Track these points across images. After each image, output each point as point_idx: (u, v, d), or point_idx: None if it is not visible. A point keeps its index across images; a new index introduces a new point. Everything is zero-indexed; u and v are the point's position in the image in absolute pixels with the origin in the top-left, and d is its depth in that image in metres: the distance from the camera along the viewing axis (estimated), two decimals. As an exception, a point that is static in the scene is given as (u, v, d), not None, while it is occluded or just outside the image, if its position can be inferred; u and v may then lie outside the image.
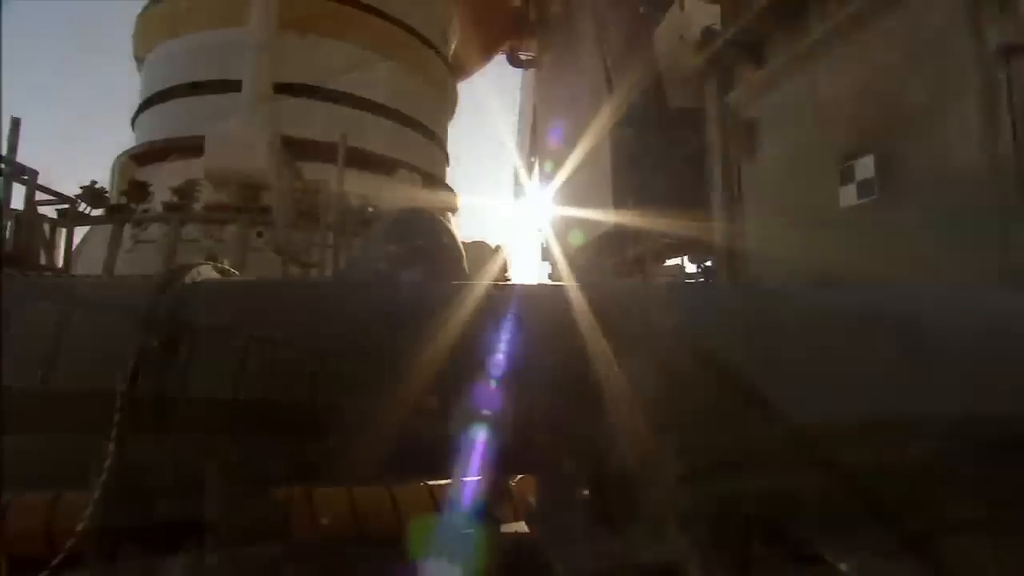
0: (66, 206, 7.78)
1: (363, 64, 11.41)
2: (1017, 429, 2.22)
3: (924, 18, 6.90)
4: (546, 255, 18.45)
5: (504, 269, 7.63)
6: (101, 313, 1.48)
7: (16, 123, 6.46)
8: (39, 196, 7.06)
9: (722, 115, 10.91)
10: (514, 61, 21.06)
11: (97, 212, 8.31)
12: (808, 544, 2.30)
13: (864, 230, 7.59)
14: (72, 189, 7.76)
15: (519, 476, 2.56)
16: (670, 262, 13.74)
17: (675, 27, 12.70)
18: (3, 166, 6.29)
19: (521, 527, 2.38)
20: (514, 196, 22.02)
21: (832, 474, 2.32)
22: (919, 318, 2.03)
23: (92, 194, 8.11)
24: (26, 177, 6.64)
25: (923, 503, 2.51)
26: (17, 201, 6.65)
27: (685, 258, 13.13)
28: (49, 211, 7.66)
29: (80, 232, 8.56)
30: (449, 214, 12.39)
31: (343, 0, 11.14)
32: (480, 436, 1.48)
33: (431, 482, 2.37)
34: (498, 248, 9.46)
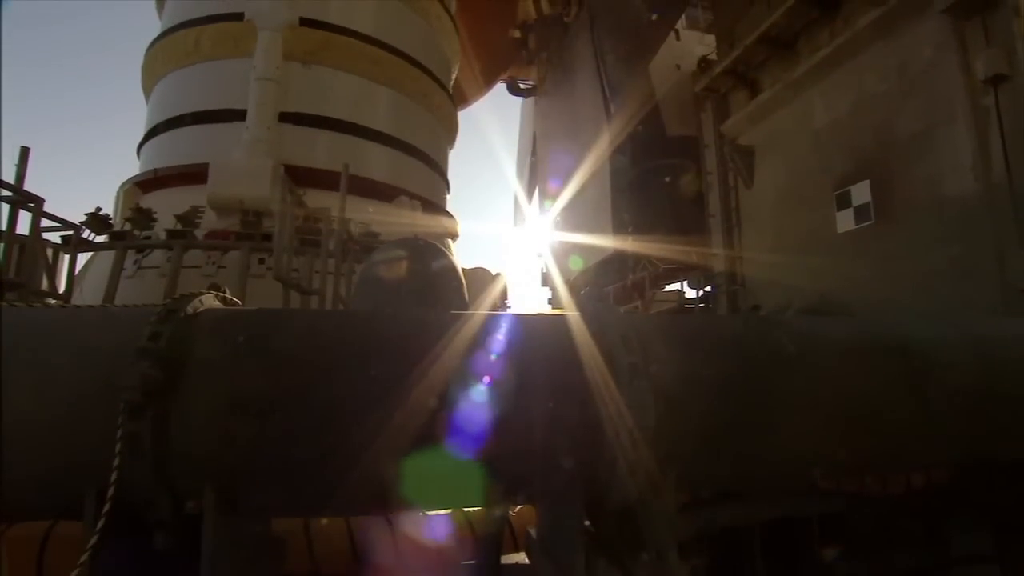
0: (70, 232, 7.86)
1: (366, 94, 11.63)
2: (1021, 457, 2.20)
3: (914, 49, 7.06)
4: (546, 280, 18.52)
5: (504, 295, 7.63)
6: (102, 342, 1.48)
7: (25, 152, 6.56)
8: (44, 223, 7.13)
9: (719, 142, 11.07)
10: (514, 89, 21.45)
11: (101, 238, 8.38)
12: (813, 573, 2.26)
13: (862, 255, 7.62)
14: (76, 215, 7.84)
15: (519, 506, 2.53)
16: (669, 287, 13.77)
17: (672, 57, 13.00)
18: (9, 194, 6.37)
19: (521, 558, 2.34)
20: (514, 222, 22.21)
21: (836, 503, 2.29)
22: (920, 346, 2.04)
23: (96, 220, 8.19)
24: (32, 205, 6.71)
25: (929, 532, 2.47)
26: (22, 227, 6.71)
27: (684, 283, 13.16)
28: (54, 237, 7.74)
29: (83, 257, 8.63)
30: (449, 240, 12.46)
31: (347, 32, 11.40)
32: (479, 465, 1.47)
33: (430, 512, 2.35)
34: (498, 274, 9.48)
